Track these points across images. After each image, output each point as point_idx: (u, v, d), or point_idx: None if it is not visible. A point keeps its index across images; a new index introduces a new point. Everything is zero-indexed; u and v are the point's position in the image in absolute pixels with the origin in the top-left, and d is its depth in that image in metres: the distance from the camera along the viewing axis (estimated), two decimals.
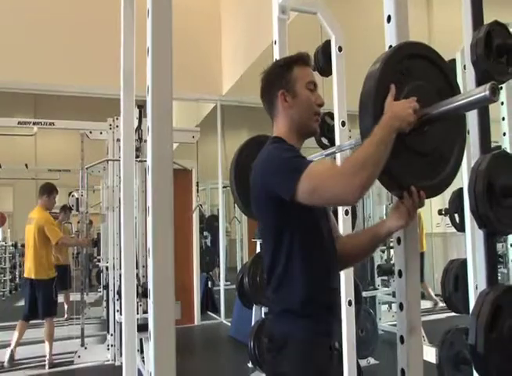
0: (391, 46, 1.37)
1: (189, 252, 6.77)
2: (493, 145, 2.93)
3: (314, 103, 1.47)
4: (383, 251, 6.61)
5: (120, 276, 3.63)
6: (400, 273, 1.36)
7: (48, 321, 4.98)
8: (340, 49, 2.47)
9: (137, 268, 3.31)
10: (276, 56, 2.27)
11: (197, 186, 6.35)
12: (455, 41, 2.28)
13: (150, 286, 1.42)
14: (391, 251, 6.10)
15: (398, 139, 1.22)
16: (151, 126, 1.44)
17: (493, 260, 1.46)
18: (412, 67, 1.29)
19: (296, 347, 1.33)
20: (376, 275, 5.87)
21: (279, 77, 1.50)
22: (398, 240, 1.38)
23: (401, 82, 1.25)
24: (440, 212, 3.18)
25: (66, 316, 6.98)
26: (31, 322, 5.12)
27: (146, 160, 1.64)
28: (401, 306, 1.36)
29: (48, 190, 5.17)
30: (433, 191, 1.32)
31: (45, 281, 4.97)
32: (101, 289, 7.30)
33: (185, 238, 6.56)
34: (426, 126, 1.25)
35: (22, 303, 5.20)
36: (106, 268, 5.59)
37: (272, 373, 1.41)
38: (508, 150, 2.70)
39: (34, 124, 5.52)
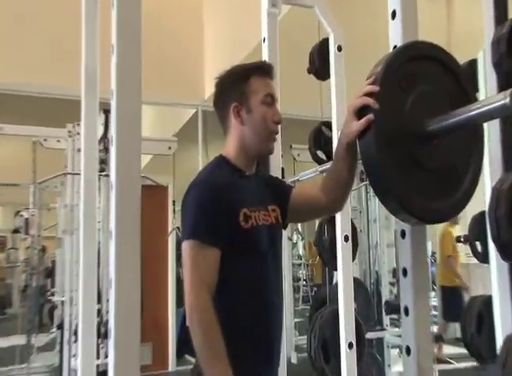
0: (395, 46, 1.40)
1: (164, 284, 6.70)
2: None
3: (270, 120, 1.56)
4: (392, 284, 6.59)
5: (78, 312, 3.58)
6: (406, 311, 1.37)
7: None
8: (339, 49, 2.51)
9: (99, 302, 3.27)
10: (265, 56, 2.30)
11: (174, 205, 6.32)
12: (479, 39, 2.33)
13: (111, 325, 1.41)
14: None
15: (404, 153, 1.25)
16: (116, 136, 1.45)
17: None
18: (420, 71, 1.31)
19: None
20: (383, 313, 5.86)
21: (234, 87, 1.58)
22: (404, 271, 1.38)
23: (405, 89, 1.28)
24: (459, 239, 3.18)
25: None
26: None
27: None
28: (408, 350, 1.36)
29: None
30: (445, 214, 1.34)
31: None
32: (54, 329, 7.17)
33: (159, 267, 6.51)
34: (435, 139, 1.27)
35: None
36: (62, 303, 5.52)
37: None
38: None
39: None
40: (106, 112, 3.66)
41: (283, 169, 2.40)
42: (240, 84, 1.57)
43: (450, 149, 1.32)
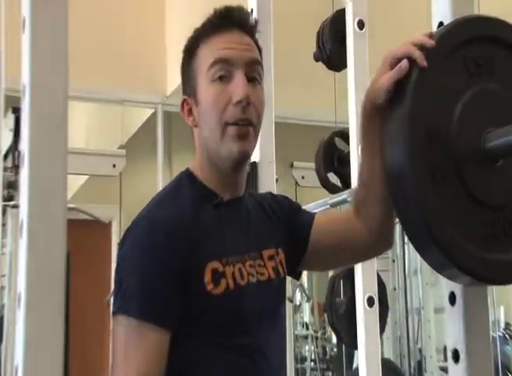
0: (441, 24, 1.40)
1: (103, 366, 6.62)
2: None
3: (225, 102, 1.39)
4: (444, 370, 6.47)
5: None
6: None
7: None
8: (361, 25, 2.52)
9: None
10: None
11: None
12: None
13: None
14: None
15: (454, 181, 1.25)
16: (29, 148, 1.43)
17: None
18: (480, 60, 1.32)
19: None
20: None
21: (182, 73, 1.52)
22: (455, 355, 1.37)
23: (459, 84, 1.29)
24: None
25: None
26: None
27: None
28: None
29: None
30: None
31: None
32: None
33: (93, 346, 6.45)
34: (500, 160, 1.28)
35: None
36: None
37: None
38: None
39: None
40: (16, 112, 3.57)
41: None
42: (187, 64, 1.49)
43: None
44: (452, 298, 1.37)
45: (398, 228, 5.91)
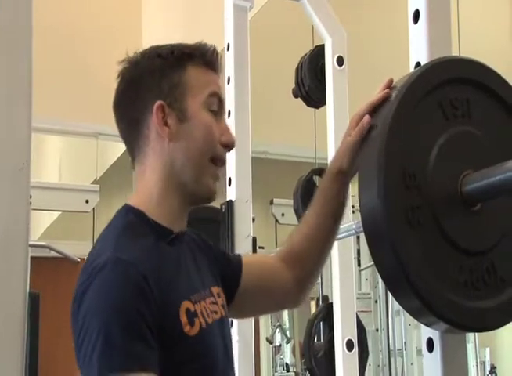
0: (418, 64, 1.42)
1: None
2: None
3: (217, 139, 1.39)
4: None
5: None
6: None
7: None
8: (340, 62, 2.52)
9: None
10: (231, 71, 2.32)
11: None
12: None
13: None
14: None
15: (431, 224, 1.26)
16: None
17: None
18: (457, 102, 1.33)
19: None
20: None
21: (157, 76, 1.39)
22: None
23: (435, 127, 1.30)
24: None
25: None
26: None
27: None
28: None
29: None
30: (497, 317, 1.32)
31: None
32: None
33: None
34: (478, 203, 1.28)
35: None
36: None
37: None
38: None
39: None
40: None
41: (254, 240, 2.36)
42: (170, 73, 1.38)
43: (501, 220, 1.33)
44: (430, 345, 1.36)
45: None
